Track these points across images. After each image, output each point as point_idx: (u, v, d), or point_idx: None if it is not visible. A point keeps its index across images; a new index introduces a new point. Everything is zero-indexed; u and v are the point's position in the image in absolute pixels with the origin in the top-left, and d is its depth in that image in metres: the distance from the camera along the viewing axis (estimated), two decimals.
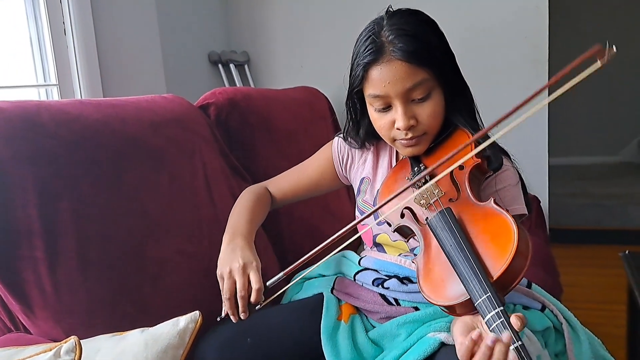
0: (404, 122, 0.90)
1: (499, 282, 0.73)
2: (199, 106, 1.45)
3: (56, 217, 0.96)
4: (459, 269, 0.75)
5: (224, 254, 0.97)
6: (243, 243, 0.98)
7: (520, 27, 2.10)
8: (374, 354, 0.97)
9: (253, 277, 0.91)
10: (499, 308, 0.68)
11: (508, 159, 0.99)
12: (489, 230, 0.78)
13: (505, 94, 2.08)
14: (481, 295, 0.70)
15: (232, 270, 0.92)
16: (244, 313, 0.90)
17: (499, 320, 0.68)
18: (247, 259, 0.94)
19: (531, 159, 2.11)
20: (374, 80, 0.90)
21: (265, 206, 1.13)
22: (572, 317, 1.02)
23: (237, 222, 1.05)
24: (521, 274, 0.74)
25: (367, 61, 0.89)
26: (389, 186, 0.99)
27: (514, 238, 0.73)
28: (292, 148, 1.59)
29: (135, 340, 0.76)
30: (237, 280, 0.91)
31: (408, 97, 0.89)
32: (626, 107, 4.22)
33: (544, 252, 1.63)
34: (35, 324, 0.94)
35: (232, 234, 1.01)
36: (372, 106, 0.94)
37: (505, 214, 0.77)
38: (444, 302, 0.77)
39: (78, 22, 1.65)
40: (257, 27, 2.43)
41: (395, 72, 0.87)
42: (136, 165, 1.12)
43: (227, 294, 0.91)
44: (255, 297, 0.89)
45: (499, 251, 0.74)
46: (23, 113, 0.99)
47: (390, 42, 0.88)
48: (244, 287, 0.90)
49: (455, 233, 0.78)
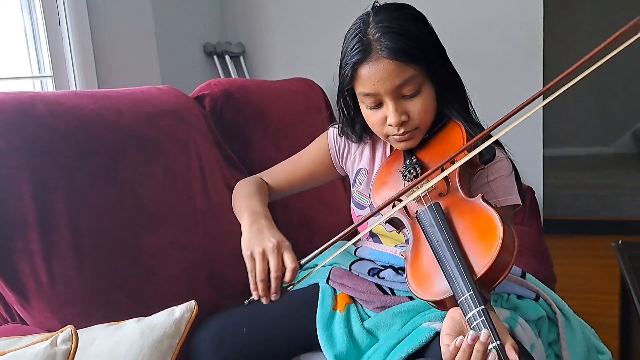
0: (395, 119, 0.90)
1: (483, 280, 0.73)
2: (194, 97, 1.45)
3: (51, 208, 0.96)
4: (444, 265, 0.75)
5: (251, 235, 0.92)
6: (269, 224, 0.95)
7: (514, 18, 2.10)
8: (369, 343, 0.97)
9: (288, 257, 0.87)
10: (480, 307, 0.69)
11: (502, 150, 0.99)
12: (475, 226, 0.78)
13: (499, 85, 2.08)
14: (464, 293, 0.71)
15: (265, 250, 0.88)
16: (275, 294, 0.86)
17: (480, 319, 0.68)
18: (279, 238, 0.90)
19: (526, 149, 2.12)
20: (363, 79, 0.90)
21: (266, 195, 1.12)
22: (565, 307, 1.03)
23: (252, 204, 1.01)
24: (506, 271, 0.74)
25: (355, 60, 0.89)
26: (382, 178, 1.00)
27: (498, 235, 0.73)
28: (288, 139, 1.59)
29: (131, 330, 0.76)
30: (271, 260, 0.87)
31: (398, 93, 0.90)
32: (620, 99, 4.23)
33: (538, 243, 1.64)
34: (31, 315, 0.95)
35: (252, 216, 0.97)
36: (363, 104, 0.95)
37: (491, 211, 0.77)
38: (429, 298, 0.78)
39: (73, 14, 1.64)
40: (253, 18, 2.42)
41: (384, 71, 0.87)
42: (131, 157, 1.12)
43: (261, 275, 0.86)
44: (290, 277, 0.86)
45: (484, 248, 0.74)
46: (18, 104, 0.99)
47: (377, 40, 0.87)
48: (279, 267, 0.86)
49: (442, 229, 0.78)
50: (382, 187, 0.98)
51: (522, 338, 0.89)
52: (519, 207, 0.97)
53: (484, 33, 2.14)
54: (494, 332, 0.67)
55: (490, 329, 0.67)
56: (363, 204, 1.06)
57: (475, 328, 0.68)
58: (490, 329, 0.67)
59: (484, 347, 0.66)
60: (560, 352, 0.95)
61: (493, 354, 0.66)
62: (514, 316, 0.93)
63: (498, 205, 0.91)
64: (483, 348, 0.66)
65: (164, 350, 0.74)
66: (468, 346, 0.67)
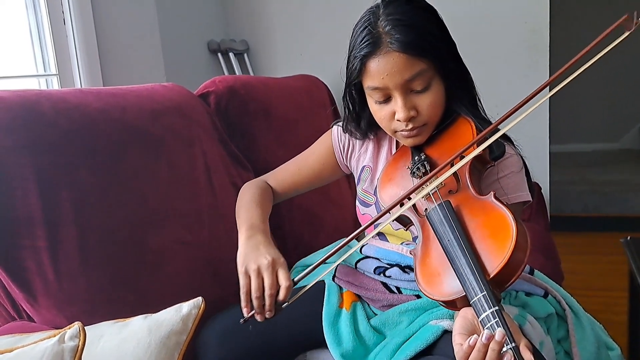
0: (404, 114, 0.88)
1: (495, 280, 0.72)
2: (199, 95, 1.44)
3: (56, 205, 0.96)
4: (455, 264, 0.74)
5: (247, 250, 0.93)
6: (265, 240, 0.95)
7: (520, 12, 2.08)
8: (376, 341, 0.97)
9: (282, 275, 0.88)
10: (494, 308, 0.68)
11: (511, 146, 0.97)
12: (488, 225, 0.77)
13: (504, 80, 2.07)
14: (477, 293, 0.69)
15: (260, 268, 0.88)
16: (270, 312, 0.87)
17: (494, 320, 0.67)
18: (275, 255, 0.91)
19: (532, 146, 2.10)
20: (372, 73, 0.88)
21: (270, 201, 1.11)
22: (575, 303, 1.02)
23: (252, 217, 1.01)
24: (519, 271, 0.73)
25: (364, 53, 0.87)
26: (388, 174, 0.99)
27: (512, 234, 0.72)
28: (292, 136, 1.59)
29: (138, 327, 0.76)
30: (266, 277, 0.87)
31: (407, 88, 0.88)
32: (627, 95, 4.20)
33: (545, 239, 1.63)
34: (38, 312, 0.95)
35: (249, 229, 0.98)
36: (371, 98, 0.93)
37: (504, 209, 0.76)
38: (439, 298, 0.76)
39: (77, 12, 1.65)
40: (257, 15, 2.42)
41: (394, 64, 0.86)
42: (136, 154, 1.12)
43: (256, 292, 0.87)
44: (284, 295, 0.86)
45: (497, 247, 0.73)
46: (23, 102, 0.99)
47: (387, 33, 0.86)
48: (273, 284, 0.87)
49: (453, 228, 0.77)
50: (389, 183, 0.97)
51: (531, 336, 0.88)
52: (529, 203, 0.96)
53: (489, 27, 2.12)
54: (508, 333, 0.66)
55: (505, 331, 0.66)
56: (368, 201, 1.05)
57: (490, 329, 0.67)
58: (505, 330, 0.66)
59: (499, 346, 0.65)
60: (570, 348, 0.94)
61: (509, 354, 0.65)
62: (522, 314, 0.92)
63: (508, 202, 0.90)
64: (498, 347, 0.65)
65: (171, 347, 0.74)
66: (483, 345, 0.66)
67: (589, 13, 3.92)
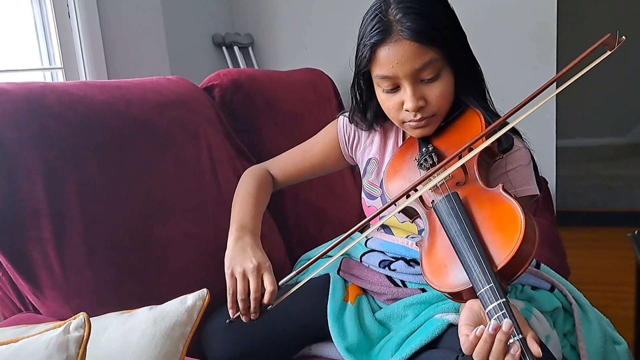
0: (413, 103, 0.88)
1: (503, 272, 0.71)
2: (204, 88, 1.44)
3: (62, 198, 0.97)
4: (463, 256, 0.73)
5: (234, 252, 0.94)
6: (253, 241, 0.96)
7: (528, 5, 2.06)
8: (381, 334, 0.97)
9: (267, 279, 0.89)
10: (501, 300, 0.67)
11: (519, 139, 0.97)
12: (496, 217, 0.77)
13: (512, 73, 2.05)
14: (484, 285, 0.69)
15: (245, 271, 0.90)
16: (255, 314, 0.89)
17: (501, 312, 0.67)
18: (261, 259, 0.91)
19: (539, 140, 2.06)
20: (381, 61, 0.87)
21: (267, 192, 1.12)
22: (581, 297, 1.01)
23: (243, 215, 1.02)
24: (527, 264, 0.72)
25: (374, 41, 0.87)
26: (395, 166, 0.98)
27: (520, 226, 0.72)
28: (297, 129, 1.58)
29: (143, 318, 0.76)
30: (252, 281, 0.89)
31: (417, 77, 0.87)
32: (634, 89, 4.16)
33: (551, 234, 1.62)
34: (44, 304, 0.95)
35: (239, 230, 0.98)
36: (379, 87, 0.92)
37: (512, 201, 0.76)
38: (446, 289, 0.76)
39: (82, 5, 1.65)
40: (261, 9, 2.41)
41: (404, 52, 0.85)
42: (141, 147, 1.12)
43: (242, 294, 0.88)
44: (268, 299, 0.88)
45: (505, 240, 0.73)
46: (28, 95, 0.99)
47: (398, 21, 0.85)
48: (258, 288, 0.88)
49: (461, 219, 0.77)
50: (396, 175, 0.96)
51: (537, 329, 0.88)
52: (537, 197, 0.95)
53: (497, 20, 2.10)
54: (516, 325, 0.66)
55: (513, 322, 0.66)
56: (374, 194, 1.05)
57: (497, 320, 0.67)
58: (513, 322, 0.66)
59: (506, 337, 0.65)
60: (576, 342, 0.94)
61: (516, 345, 0.65)
62: (528, 307, 0.92)
63: (517, 195, 0.89)
64: (505, 338, 0.65)
65: (176, 338, 0.74)
66: (489, 336, 0.65)
67: (596, 6, 3.88)
